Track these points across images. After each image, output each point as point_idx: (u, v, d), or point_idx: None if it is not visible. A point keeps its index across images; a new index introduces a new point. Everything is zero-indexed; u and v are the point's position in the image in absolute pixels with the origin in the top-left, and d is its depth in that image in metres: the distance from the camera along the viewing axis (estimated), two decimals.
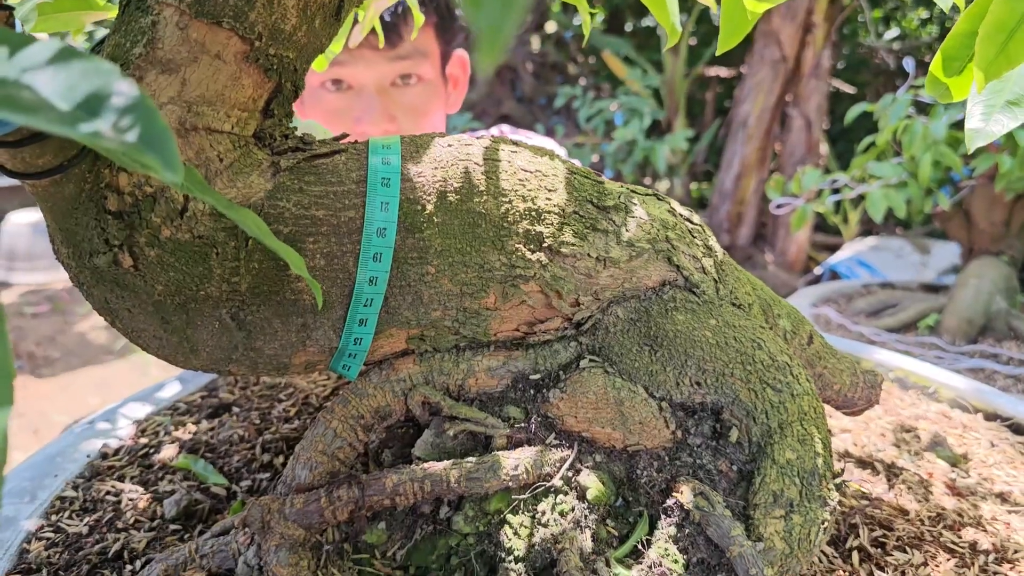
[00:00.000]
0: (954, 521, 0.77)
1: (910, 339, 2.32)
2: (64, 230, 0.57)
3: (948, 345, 2.26)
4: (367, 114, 1.42)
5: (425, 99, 1.49)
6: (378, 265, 0.57)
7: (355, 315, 0.60)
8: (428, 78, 1.48)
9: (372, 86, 1.42)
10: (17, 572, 0.68)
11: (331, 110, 1.45)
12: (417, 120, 1.49)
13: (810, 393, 0.61)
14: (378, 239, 0.57)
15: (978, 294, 2.33)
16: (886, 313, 2.60)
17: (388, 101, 1.44)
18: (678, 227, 0.65)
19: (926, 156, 1.88)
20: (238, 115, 0.57)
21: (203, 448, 0.86)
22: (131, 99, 0.30)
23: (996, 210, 2.36)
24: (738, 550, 0.54)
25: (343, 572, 0.60)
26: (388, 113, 1.43)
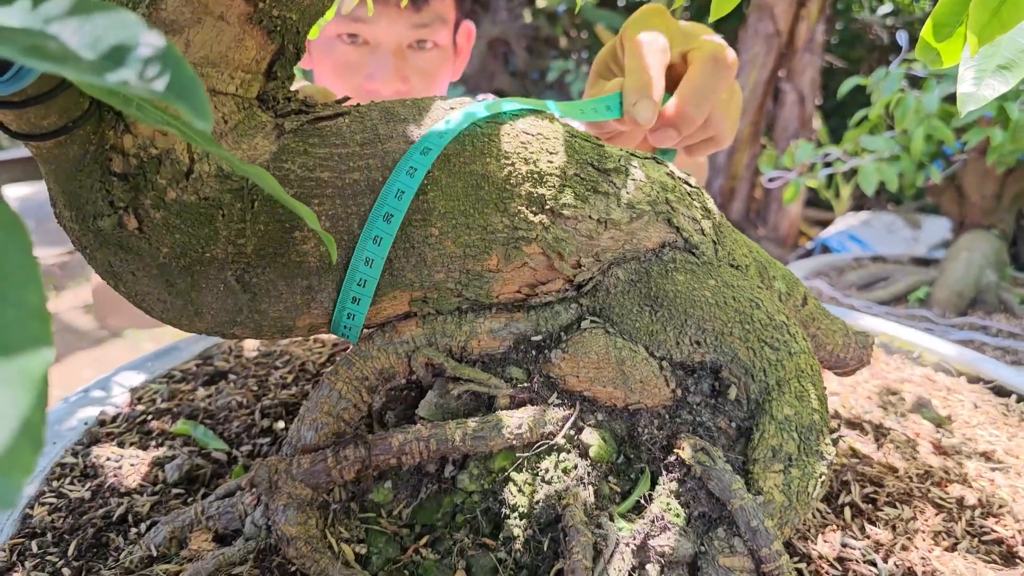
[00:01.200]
0: (941, 478, 0.79)
1: (900, 311, 2.36)
2: (67, 193, 0.57)
3: (938, 317, 2.30)
4: (380, 72, 1.41)
5: (437, 64, 1.49)
6: (386, 226, 0.58)
7: (354, 274, 0.60)
8: (443, 44, 1.48)
9: (389, 45, 1.42)
10: (21, 536, 0.69)
11: (343, 63, 1.44)
12: (427, 84, 1.49)
13: (807, 351, 0.63)
14: (394, 200, 0.58)
15: (968, 267, 2.36)
16: (877, 286, 2.64)
17: (402, 62, 1.43)
18: (677, 189, 0.66)
19: (918, 130, 1.90)
20: (242, 77, 0.57)
21: (201, 414, 0.86)
22: (158, 49, 0.30)
23: (987, 184, 2.39)
24: (739, 503, 0.55)
25: (350, 530, 0.61)
26: (401, 74, 1.43)
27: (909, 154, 1.99)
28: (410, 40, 1.44)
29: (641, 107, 0.73)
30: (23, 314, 0.28)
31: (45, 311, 0.29)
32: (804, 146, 2.25)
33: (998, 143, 1.79)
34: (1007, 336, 2.18)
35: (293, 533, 0.58)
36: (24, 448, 0.24)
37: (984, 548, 0.70)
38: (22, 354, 0.26)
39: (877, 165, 1.99)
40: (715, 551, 0.56)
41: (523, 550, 0.59)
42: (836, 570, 0.63)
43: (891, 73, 1.97)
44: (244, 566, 0.60)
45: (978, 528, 0.73)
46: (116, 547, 0.66)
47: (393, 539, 0.61)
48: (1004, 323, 2.27)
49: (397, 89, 1.44)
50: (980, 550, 0.70)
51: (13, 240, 0.28)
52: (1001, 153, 1.85)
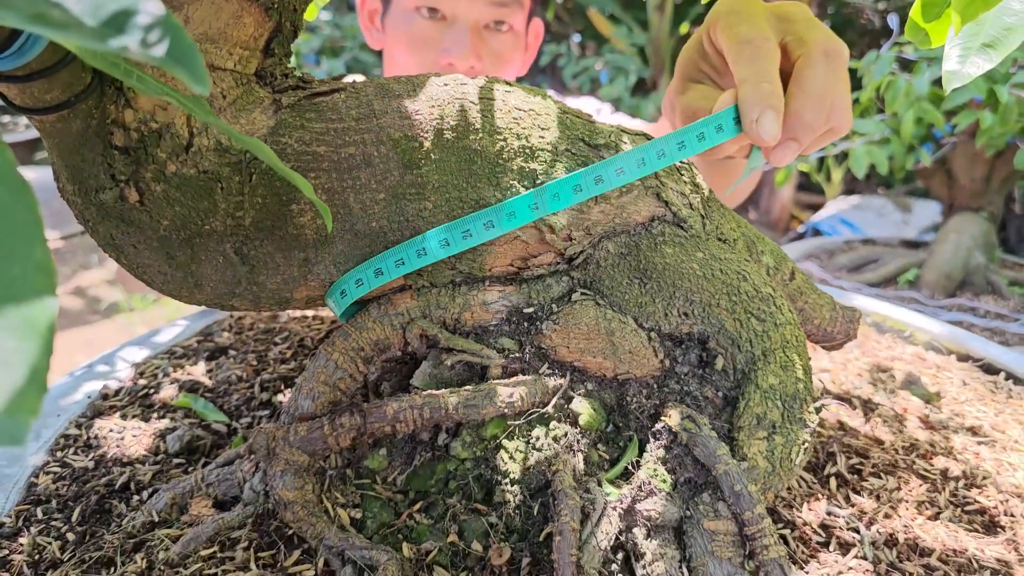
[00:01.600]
0: (926, 451, 0.81)
1: (890, 293, 2.38)
2: (70, 166, 0.59)
3: (927, 299, 2.32)
4: (456, 47, 1.42)
5: (510, 49, 1.50)
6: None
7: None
8: (518, 30, 1.49)
9: (467, 22, 1.43)
10: (27, 503, 0.70)
11: (419, 36, 1.45)
12: (498, 67, 1.50)
13: (792, 323, 0.64)
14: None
15: (957, 249, 2.38)
16: (867, 268, 2.66)
17: (478, 41, 1.44)
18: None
19: (908, 113, 1.91)
20: (240, 53, 0.59)
21: (202, 388, 0.88)
22: (157, 17, 0.31)
23: (977, 166, 2.41)
24: (723, 468, 0.57)
25: (346, 496, 0.63)
26: (476, 52, 1.44)
27: (899, 137, 2.00)
28: (488, 20, 1.45)
29: (765, 122, 0.62)
30: (29, 268, 0.29)
31: (50, 264, 0.30)
32: None
33: (987, 126, 1.80)
34: (995, 317, 2.20)
35: (290, 498, 0.60)
36: (32, 391, 0.26)
37: (966, 517, 0.72)
38: (29, 306, 0.28)
39: (867, 148, 2.00)
40: (700, 515, 0.58)
41: (514, 515, 0.60)
42: (820, 536, 0.65)
43: (882, 56, 1.97)
44: (243, 530, 0.62)
45: (961, 498, 0.74)
46: (119, 513, 0.68)
47: (388, 504, 0.62)
48: (992, 304, 2.29)
49: (471, 66, 1.45)
50: (962, 519, 0.71)
51: (19, 199, 0.30)
52: (990, 136, 1.86)
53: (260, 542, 0.61)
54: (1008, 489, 0.76)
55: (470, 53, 1.43)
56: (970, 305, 2.28)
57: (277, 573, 0.59)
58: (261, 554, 0.61)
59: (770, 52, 0.64)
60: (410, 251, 0.61)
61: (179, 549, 0.60)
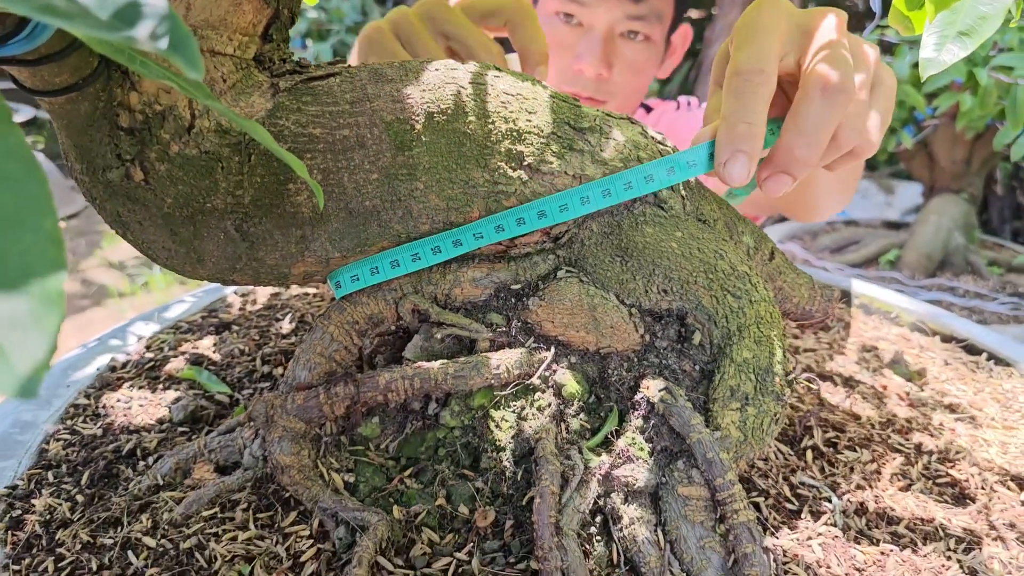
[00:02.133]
0: (902, 426, 0.84)
1: (871, 273, 2.41)
2: (79, 147, 0.62)
3: (907, 279, 2.35)
4: (588, 54, 1.46)
5: (644, 59, 1.52)
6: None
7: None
8: (654, 39, 1.51)
9: (601, 30, 1.46)
10: (38, 468, 0.74)
11: (554, 41, 1.49)
12: (630, 77, 1.53)
13: (767, 300, 0.67)
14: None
15: (937, 230, 2.41)
16: (849, 249, 2.70)
17: (611, 49, 1.47)
18: (649, 148, 0.69)
19: None
20: (239, 39, 0.61)
21: (206, 361, 0.91)
22: (160, 9, 0.34)
23: (957, 148, 2.43)
24: (697, 436, 0.60)
25: (340, 461, 0.66)
26: (607, 60, 1.47)
27: None
28: (622, 29, 1.48)
29: (733, 166, 0.61)
30: (41, 239, 0.32)
31: (59, 235, 0.33)
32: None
33: (967, 108, 1.81)
34: (973, 297, 2.24)
35: (287, 463, 0.63)
36: (46, 351, 0.29)
37: (937, 489, 0.75)
38: (42, 274, 0.31)
39: None
40: (675, 481, 0.61)
41: (499, 480, 0.64)
42: (793, 505, 0.68)
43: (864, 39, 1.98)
44: (242, 493, 0.66)
45: (933, 471, 0.77)
46: (125, 477, 0.71)
47: (380, 470, 0.66)
48: (971, 284, 2.33)
49: (599, 74, 1.48)
50: (933, 491, 0.74)
51: (30, 174, 0.33)
52: (970, 118, 1.88)
53: (259, 504, 0.65)
54: (981, 464, 0.79)
55: (599, 61, 1.46)
56: (949, 285, 2.32)
57: (274, 533, 0.62)
58: (259, 515, 0.64)
59: (759, 87, 0.62)
60: (424, 248, 0.65)
61: (182, 510, 0.64)
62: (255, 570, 0.59)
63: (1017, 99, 1.55)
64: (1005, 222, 3.25)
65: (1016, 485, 0.77)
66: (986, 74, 1.68)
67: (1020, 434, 0.87)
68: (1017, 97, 1.55)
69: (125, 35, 0.33)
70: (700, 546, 0.59)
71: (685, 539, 0.59)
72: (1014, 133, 1.65)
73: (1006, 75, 1.63)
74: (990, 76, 1.68)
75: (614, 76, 1.51)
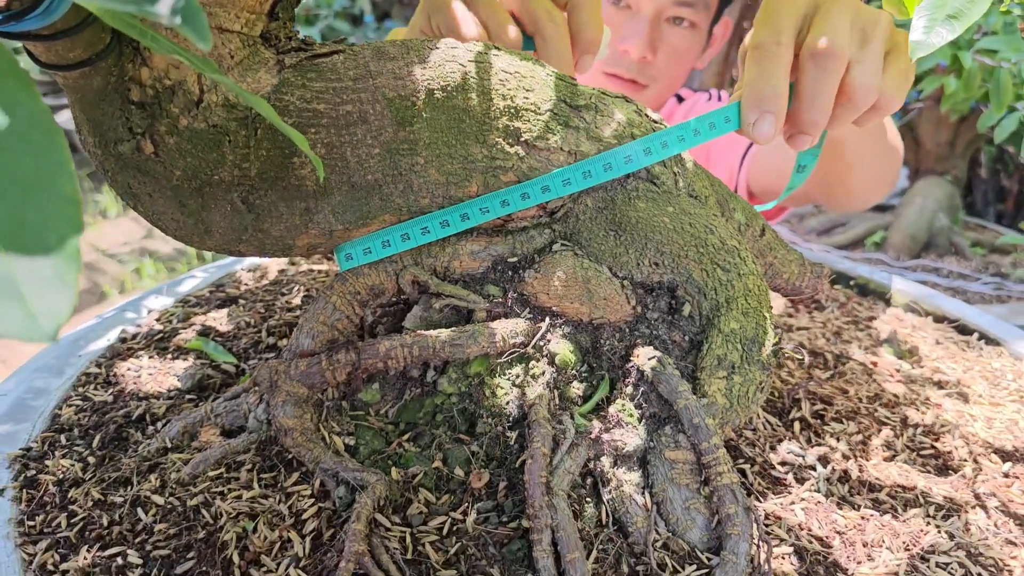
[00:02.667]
0: (889, 400, 0.86)
1: (857, 255, 2.44)
2: (91, 120, 0.64)
3: (892, 260, 2.38)
4: (633, 37, 1.46)
5: (687, 46, 1.53)
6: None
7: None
8: (699, 27, 1.52)
9: (648, 13, 1.47)
10: (51, 431, 0.77)
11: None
12: (672, 63, 1.53)
13: (755, 273, 0.69)
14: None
15: (922, 212, 2.44)
16: (836, 231, 2.73)
17: (656, 34, 1.48)
18: (643, 125, 0.72)
19: None
20: (247, 17, 0.64)
21: (213, 333, 0.94)
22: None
23: (941, 131, 2.45)
24: (684, 403, 0.62)
25: (341, 425, 0.69)
26: (652, 44, 1.47)
27: None
28: (669, 14, 1.48)
29: (760, 126, 0.68)
30: (61, 200, 0.35)
31: (78, 196, 0.36)
32: None
33: (952, 91, 1.82)
34: (957, 277, 2.27)
35: (290, 425, 0.66)
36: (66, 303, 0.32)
37: (921, 460, 0.77)
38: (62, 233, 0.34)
39: None
40: (662, 445, 0.63)
41: (493, 444, 0.66)
42: (779, 472, 0.71)
43: None
44: (247, 454, 0.68)
45: (918, 443, 0.80)
46: (135, 440, 0.74)
47: (379, 433, 0.68)
48: (955, 265, 2.36)
49: (643, 57, 1.48)
50: (917, 462, 0.77)
51: (51, 140, 0.35)
52: (955, 101, 1.89)
53: (263, 465, 0.68)
54: (967, 437, 0.82)
55: (644, 43, 1.46)
56: (934, 266, 2.35)
57: (277, 492, 0.65)
58: (263, 475, 0.67)
59: (779, 56, 0.68)
60: (434, 222, 0.69)
61: (189, 470, 0.67)
62: (258, 526, 0.62)
63: (1000, 82, 1.56)
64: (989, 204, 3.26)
65: (999, 457, 0.79)
66: (970, 57, 1.69)
67: (1006, 410, 0.89)
68: (1000, 80, 1.56)
69: (147, 10, 0.35)
70: (685, 507, 0.61)
71: (671, 501, 0.62)
72: (997, 115, 1.66)
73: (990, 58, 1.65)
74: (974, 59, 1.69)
75: (658, 61, 1.51)
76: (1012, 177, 3.09)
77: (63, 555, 0.62)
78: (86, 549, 0.62)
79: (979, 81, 1.71)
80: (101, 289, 3.62)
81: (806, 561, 0.61)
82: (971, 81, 1.71)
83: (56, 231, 0.34)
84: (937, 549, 0.64)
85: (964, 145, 2.47)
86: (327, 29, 4.84)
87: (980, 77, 1.71)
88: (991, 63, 1.66)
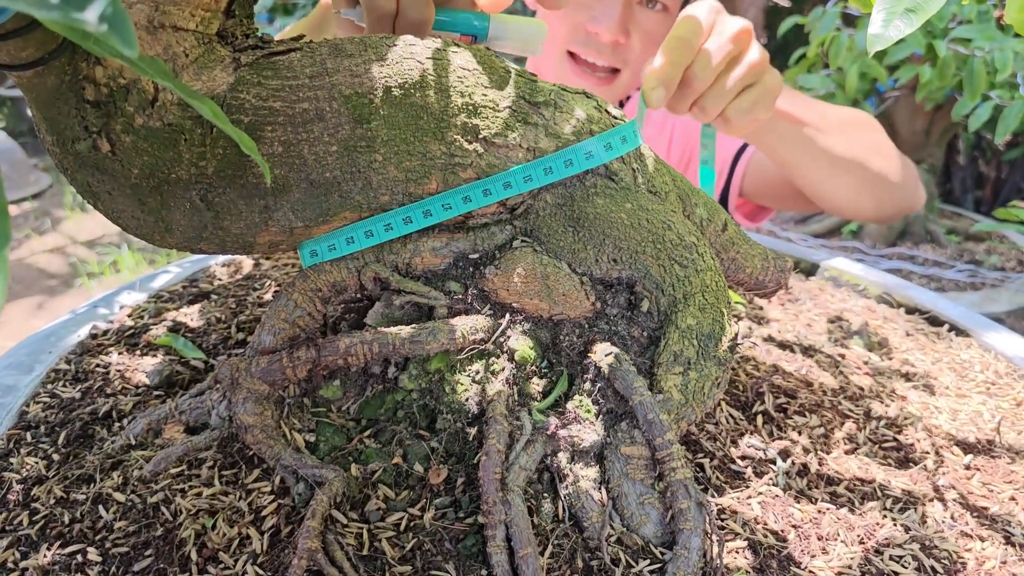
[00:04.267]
0: (854, 393, 0.87)
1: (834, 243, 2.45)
2: (48, 119, 0.64)
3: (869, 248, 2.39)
4: (604, 18, 1.43)
5: (660, 30, 1.49)
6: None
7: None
8: (672, 11, 1.49)
9: None
10: (17, 428, 0.77)
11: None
12: (646, 45, 1.50)
13: (712, 269, 0.69)
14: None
15: None
16: (813, 220, 2.75)
17: (628, 16, 1.45)
18: (602, 121, 0.72)
19: (853, 68, 1.94)
20: (202, 15, 0.64)
21: (183, 329, 0.94)
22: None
23: (917, 120, 2.46)
24: (639, 398, 0.63)
25: (302, 422, 0.69)
26: (624, 26, 1.45)
27: (844, 91, 2.03)
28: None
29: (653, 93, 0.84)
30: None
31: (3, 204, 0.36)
32: None
33: (926, 80, 1.83)
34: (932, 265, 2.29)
35: (250, 422, 0.66)
36: None
37: (882, 453, 0.78)
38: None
39: None
40: (618, 441, 0.64)
41: (453, 440, 0.67)
42: (738, 466, 0.71)
43: (827, 12, 1.99)
44: (209, 451, 0.69)
45: (880, 436, 0.80)
46: (100, 438, 0.74)
47: (340, 430, 0.69)
48: (930, 253, 2.38)
49: (615, 40, 1.46)
50: (878, 455, 0.77)
51: None
52: (930, 90, 1.89)
53: (224, 462, 0.68)
54: (929, 429, 0.82)
55: (617, 26, 1.44)
56: (909, 254, 2.37)
57: (238, 489, 0.65)
58: (224, 472, 0.67)
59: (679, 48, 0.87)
60: (397, 218, 0.69)
61: (151, 467, 0.67)
62: (218, 523, 0.62)
63: (974, 70, 1.56)
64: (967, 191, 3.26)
65: (961, 450, 0.80)
66: (945, 46, 1.69)
67: (971, 402, 0.89)
68: (974, 68, 1.56)
69: (75, 17, 0.35)
70: (640, 502, 0.62)
71: (626, 496, 0.62)
72: (971, 104, 1.67)
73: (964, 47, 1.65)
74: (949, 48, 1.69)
75: (631, 44, 1.49)
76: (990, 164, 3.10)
77: (23, 553, 0.62)
78: (46, 547, 0.62)
79: (953, 70, 1.72)
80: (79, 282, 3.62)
81: (760, 555, 0.62)
82: (945, 70, 1.71)
83: None
84: (892, 542, 0.64)
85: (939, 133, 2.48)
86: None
87: (954, 66, 1.71)
88: (965, 52, 1.66)
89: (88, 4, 0.36)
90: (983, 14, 1.68)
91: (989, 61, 1.59)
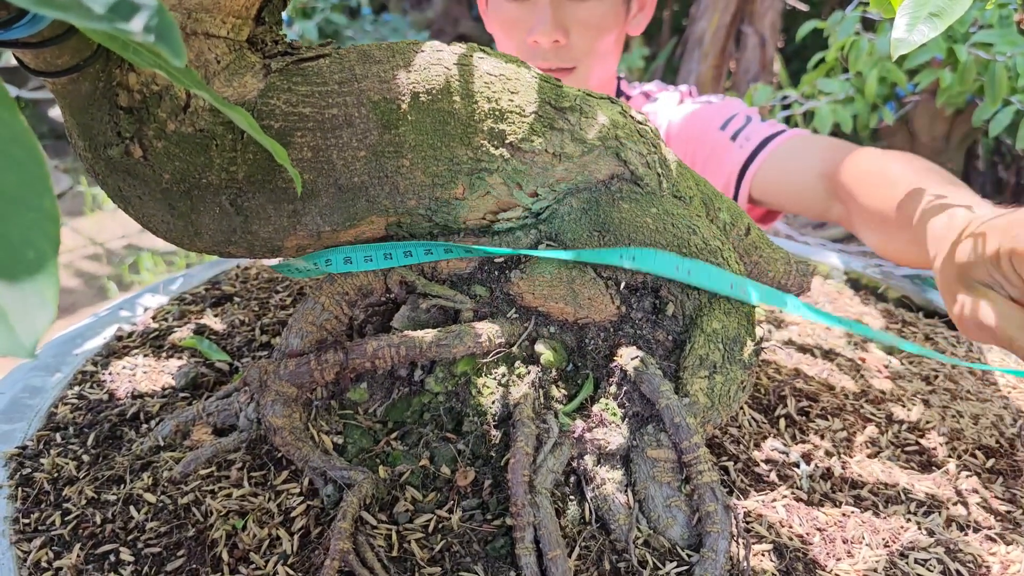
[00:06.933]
0: (876, 397, 0.87)
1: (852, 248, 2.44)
2: (81, 124, 0.65)
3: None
4: (539, 25, 1.43)
5: (600, 16, 1.48)
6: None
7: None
8: None
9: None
10: (47, 430, 0.78)
11: (507, 20, 1.47)
12: (591, 38, 1.49)
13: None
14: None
15: None
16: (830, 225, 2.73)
17: (561, 14, 1.44)
18: (627, 127, 0.72)
19: (872, 72, 1.93)
20: (233, 22, 0.64)
21: (208, 331, 0.95)
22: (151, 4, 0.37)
23: (937, 125, 2.44)
24: (665, 402, 0.63)
25: (330, 424, 0.70)
26: (561, 26, 1.43)
27: (863, 96, 2.02)
28: None
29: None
30: (41, 216, 0.36)
31: (57, 213, 0.37)
32: (763, 89, 2.27)
33: (947, 85, 1.81)
34: None
35: (279, 424, 0.67)
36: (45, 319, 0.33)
37: (905, 457, 0.78)
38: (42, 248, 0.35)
39: (832, 107, 2.01)
40: (644, 444, 0.64)
41: (479, 443, 0.67)
42: (762, 470, 0.72)
43: (847, 16, 1.99)
44: (237, 453, 0.69)
45: (903, 440, 0.80)
46: (129, 439, 0.75)
47: (367, 432, 0.69)
48: None
49: (556, 41, 1.45)
50: (900, 458, 0.77)
51: (32, 156, 0.36)
52: (950, 95, 1.88)
53: (253, 464, 0.69)
54: (951, 434, 0.82)
55: (552, 28, 1.42)
56: None
57: (267, 490, 0.66)
58: (253, 474, 0.68)
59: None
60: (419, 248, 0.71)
61: (181, 468, 0.68)
62: (248, 524, 0.63)
63: (995, 75, 1.56)
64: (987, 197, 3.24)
65: (983, 454, 0.80)
66: (966, 51, 1.69)
67: (992, 406, 0.89)
68: (995, 73, 1.56)
69: (120, 27, 0.36)
70: (667, 505, 0.62)
71: (653, 499, 0.63)
72: (992, 109, 1.66)
73: (985, 52, 1.64)
74: (969, 53, 1.68)
75: (573, 40, 1.47)
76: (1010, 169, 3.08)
77: (57, 552, 0.63)
78: (79, 547, 0.63)
79: (974, 75, 1.71)
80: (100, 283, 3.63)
81: (785, 558, 0.62)
82: (966, 75, 1.71)
83: (35, 247, 0.35)
84: (916, 546, 0.65)
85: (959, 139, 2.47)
86: (324, 22, 4.83)
87: (975, 71, 1.70)
88: (986, 56, 1.65)
89: (134, 14, 0.36)
90: (1004, 19, 1.67)
91: (1011, 66, 1.58)
